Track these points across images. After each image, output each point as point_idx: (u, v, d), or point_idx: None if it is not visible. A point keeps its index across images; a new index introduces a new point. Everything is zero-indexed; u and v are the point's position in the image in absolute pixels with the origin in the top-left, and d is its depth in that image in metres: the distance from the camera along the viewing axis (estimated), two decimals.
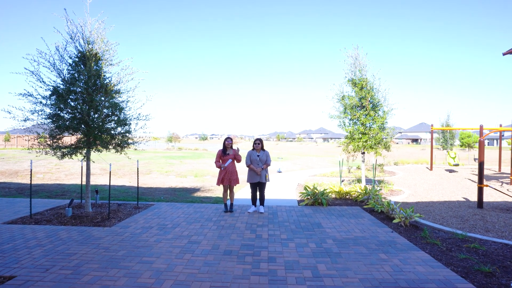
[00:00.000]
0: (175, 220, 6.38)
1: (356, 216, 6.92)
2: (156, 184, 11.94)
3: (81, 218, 6.32)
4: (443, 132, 25.60)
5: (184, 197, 9.20)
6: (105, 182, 12.25)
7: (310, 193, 8.11)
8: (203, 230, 5.67)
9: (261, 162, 7.08)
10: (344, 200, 8.76)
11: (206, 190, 10.63)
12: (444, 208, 8.03)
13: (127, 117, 7.04)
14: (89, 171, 6.96)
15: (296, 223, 6.26)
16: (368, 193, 8.23)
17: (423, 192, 10.57)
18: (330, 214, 7.03)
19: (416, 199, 9.25)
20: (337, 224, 6.20)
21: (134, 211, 7.13)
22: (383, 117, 10.09)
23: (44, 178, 12.90)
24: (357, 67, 10.40)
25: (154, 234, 5.40)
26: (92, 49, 6.73)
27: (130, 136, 7.23)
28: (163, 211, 7.20)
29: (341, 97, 10.41)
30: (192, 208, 7.54)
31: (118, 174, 14.56)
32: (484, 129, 13.00)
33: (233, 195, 7.32)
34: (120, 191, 10.05)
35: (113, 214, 6.75)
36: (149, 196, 9.14)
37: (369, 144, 9.95)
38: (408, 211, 6.24)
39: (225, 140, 7.24)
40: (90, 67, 6.44)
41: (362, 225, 6.19)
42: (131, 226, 5.87)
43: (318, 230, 5.78)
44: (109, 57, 6.95)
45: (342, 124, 10.51)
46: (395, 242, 5.14)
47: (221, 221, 6.34)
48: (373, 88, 10.16)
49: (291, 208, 7.67)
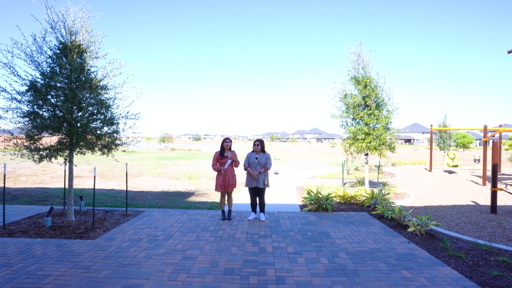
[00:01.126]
0: (167, 230, 5.75)
1: (365, 223, 6.37)
2: (148, 187, 11.26)
3: (61, 229, 5.65)
4: (440, 133, 25.30)
5: (177, 202, 8.56)
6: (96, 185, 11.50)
7: (313, 198, 7.55)
8: (199, 242, 5.06)
9: (259, 166, 6.48)
10: (349, 205, 8.22)
11: (201, 194, 10.00)
12: (455, 213, 7.54)
13: (114, 115, 6.39)
14: (71, 176, 6.29)
15: (301, 232, 5.68)
16: (375, 198, 7.70)
17: (429, 195, 10.09)
18: (337, 222, 6.48)
19: (423, 203, 8.76)
20: (347, 234, 5.64)
21: (123, 219, 6.48)
22: (387, 116, 9.58)
23: (27, 182, 12.11)
24: (360, 64, 9.87)
25: (144, 248, 4.77)
26: (76, 40, 6.06)
27: (118, 137, 6.57)
28: (154, 219, 6.56)
29: (344, 95, 9.89)
30: (186, 215, 6.92)
31: (108, 177, 13.82)
32: (488, 130, 12.56)
33: (231, 200, 6.72)
34: (109, 195, 9.36)
35: (99, 223, 6.09)
36: (139, 202, 8.48)
37: (374, 145, 9.43)
38: (423, 219, 5.72)
39: (223, 141, 6.62)
40: (72, 60, 5.78)
41: (374, 234, 5.64)
42: (117, 238, 5.22)
43: (327, 241, 5.20)
44: (94, 49, 6.29)
45: (345, 124, 9.98)
46: (415, 255, 4.60)
47: (219, 230, 5.73)
48: (378, 86, 9.66)
49: (294, 214, 7.09)
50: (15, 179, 12.53)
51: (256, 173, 6.37)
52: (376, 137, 9.46)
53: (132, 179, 13.18)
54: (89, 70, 6.21)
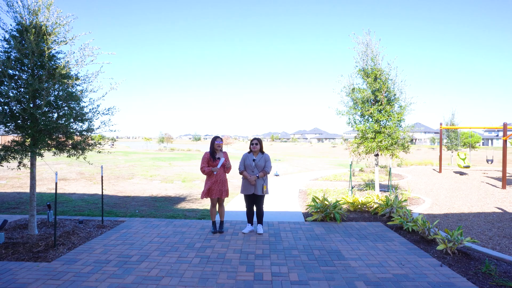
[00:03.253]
0: (145, 247, 4.76)
1: (382, 237, 5.37)
2: (136, 191, 10.27)
3: (16, 246, 4.66)
4: (447, 132, 24.31)
5: (165, 209, 7.57)
6: (78, 189, 10.54)
7: (319, 206, 6.54)
8: (181, 266, 4.06)
9: (257, 169, 5.48)
10: (360, 213, 7.21)
11: (192, 199, 9.00)
12: (482, 222, 6.54)
13: (84, 111, 5.39)
14: (33, 181, 5.30)
15: (307, 250, 4.68)
16: (390, 205, 6.70)
17: (446, 200, 9.08)
18: (348, 235, 5.47)
19: (443, 210, 7.76)
20: (362, 252, 4.63)
21: (95, 232, 5.49)
22: (400, 113, 8.57)
23: (5, 185, 11.12)
24: (369, 55, 8.86)
25: (109, 275, 3.77)
26: (37, 21, 5.08)
27: (89, 135, 5.58)
28: (133, 232, 5.56)
29: (351, 89, 8.89)
30: (171, 226, 5.92)
31: (95, 180, 12.83)
32: (508, 128, 11.55)
33: (223, 210, 5.72)
34: (89, 201, 8.37)
35: (65, 238, 5.09)
36: (121, 209, 7.48)
37: (385, 145, 8.42)
38: (455, 233, 4.71)
39: (213, 140, 5.59)
40: (31, 43, 4.79)
41: (395, 253, 4.63)
42: (80, 260, 4.23)
43: (340, 263, 4.20)
44: (61, 31, 5.31)
45: (352, 121, 8.97)
46: (454, 286, 3.60)
47: (207, 248, 4.73)
48: (389, 79, 8.66)
49: (297, 225, 6.09)
50: None
51: (253, 177, 5.38)
52: (388, 135, 8.47)
53: (120, 182, 12.19)
54: (54, 57, 5.23)
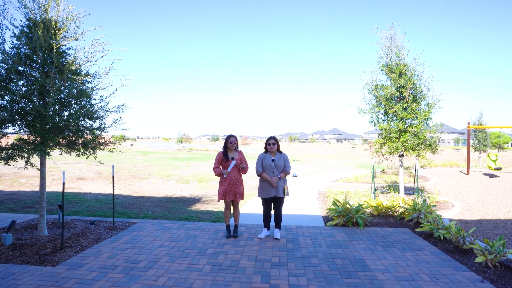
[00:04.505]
0: (154, 252, 4.50)
1: (410, 246, 4.90)
2: (151, 192, 10.13)
3: (23, 248, 4.51)
4: (475, 132, 23.09)
5: (178, 211, 7.34)
6: (94, 189, 10.53)
7: (340, 209, 6.12)
8: (190, 274, 3.76)
9: (277, 170, 5.13)
10: (384, 217, 6.72)
11: (208, 200, 8.74)
12: None
13: (95, 109, 5.21)
14: (44, 181, 5.17)
15: (328, 259, 4.29)
16: (418, 210, 6.18)
17: (478, 204, 8.42)
18: (372, 242, 5.03)
19: (475, 216, 7.15)
20: (390, 262, 4.20)
21: (106, 234, 5.30)
22: (427, 111, 8.00)
23: (25, 184, 11.27)
24: (394, 50, 8.33)
25: (113, 283, 3.52)
26: (48, 18, 4.94)
27: (101, 135, 5.41)
28: (144, 234, 5.34)
29: (374, 86, 8.38)
30: (184, 229, 5.66)
31: (111, 179, 12.82)
32: None
33: (238, 213, 5.41)
34: (103, 202, 8.27)
35: (74, 239, 4.92)
36: (134, 210, 7.31)
37: (411, 145, 7.88)
38: (496, 244, 4.20)
39: (227, 139, 5.29)
40: (40, 38, 4.64)
41: (426, 264, 4.17)
42: (86, 264, 4.01)
43: (365, 275, 3.79)
44: (72, 27, 5.15)
45: (375, 120, 8.46)
46: None
47: (220, 254, 4.43)
48: (415, 75, 8.10)
49: (317, 230, 5.69)
50: (13, 181, 11.73)
51: (275, 179, 5.02)
52: (414, 135, 7.91)
53: (136, 182, 12.13)
54: (64, 53, 5.09)
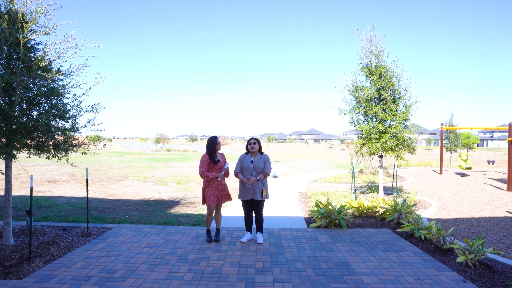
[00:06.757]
0: (132, 260, 4.26)
1: (393, 246, 4.92)
2: (128, 194, 9.75)
3: None
4: (446, 133, 24.06)
5: (157, 214, 7.07)
6: (66, 192, 10.00)
7: (323, 211, 6.09)
8: (171, 283, 3.57)
9: (255, 171, 5.00)
10: (365, 218, 6.76)
11: (187, 203, 8.50)
12: (496, 228, 6.13)
13: (67, 108, 4.89)
14: (9, 186, 4.79)
15: (313, 263, 4.22)
16: (399, 210, 6.26)
17: (453, 203, 8.68)
18: (356, 244, 5.02)
19: (451, 215, 7.34)
20: (374, 265, 4.18)
21: (79, 242, 4.99)
22: (405, 112, 8.17)
23: None
24: (373, 52, 8.45)
25: None
26: (15, 9, 4.57)
27: (73, 136, 5.08)
28: (120, 241, 5.07)
29: (354, 87, 8.47)
30: (163, 234, 5.43)
31: (85, 182, 12.26)
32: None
33: (220, 216, 5.25)
34: (76, 206, 7.84)
35: (43, 248, 4.59)
36: (110, 214, 6.97)
37: (390, 146, 8.01)
38: (475, 243, 4.28)
39: (214, 139, 5.00)
40: (5, 31, 4.29)
41: (410, 265, 4.19)
42: (56, 276, 3.73)
43: (351, 279, 3.74)
44: (42, 20, 4.80)
45: (355, 121, 8.55)
46: None
47: (202, 260, 4.25)
48: (394, 77, 8.25)
49: (300, 232, 5.63)
50: None
51: (253, 179, 4.88)
52: (393, 135, 8.05)
53: (112, 184, 11.66)
54: (33, 48, 4.74)
